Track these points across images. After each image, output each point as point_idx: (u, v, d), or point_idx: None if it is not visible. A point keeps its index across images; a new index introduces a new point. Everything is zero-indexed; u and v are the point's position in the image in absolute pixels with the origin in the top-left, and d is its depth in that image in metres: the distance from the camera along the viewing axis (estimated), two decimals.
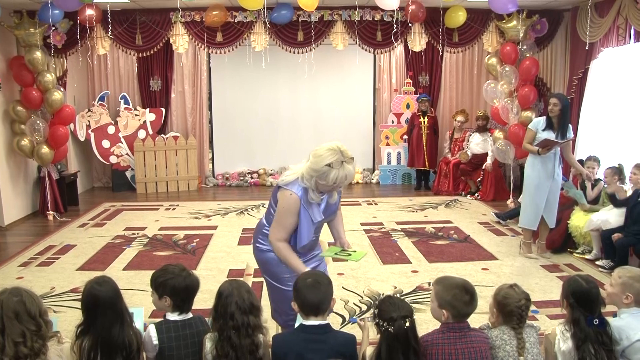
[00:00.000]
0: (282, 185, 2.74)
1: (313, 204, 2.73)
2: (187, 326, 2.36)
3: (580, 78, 7.17)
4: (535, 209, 5.11)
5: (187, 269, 2.48)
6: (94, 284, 2.28)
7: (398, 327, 2.12)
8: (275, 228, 2.75)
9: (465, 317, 2.28)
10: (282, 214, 2.72)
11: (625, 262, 4.68)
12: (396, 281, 4.64)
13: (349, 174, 2.61)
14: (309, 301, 2.25)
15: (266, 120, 9.66)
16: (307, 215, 2.72)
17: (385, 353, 2.12)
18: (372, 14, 7.58)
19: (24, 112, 6.95)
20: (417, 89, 9.28)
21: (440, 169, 8.64)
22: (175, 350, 2.30)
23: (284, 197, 2.71)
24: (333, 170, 2.57)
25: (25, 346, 2.05)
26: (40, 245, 5.88)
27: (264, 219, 2.95)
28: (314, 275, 2.37)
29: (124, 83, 9.30)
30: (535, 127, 5.05)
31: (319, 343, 2.21)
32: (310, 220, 2.74)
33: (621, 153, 6.21)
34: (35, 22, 6.75)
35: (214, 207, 7.63)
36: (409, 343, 2.12)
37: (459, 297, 2.24)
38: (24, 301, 2.11)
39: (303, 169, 2.70)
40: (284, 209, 2.71)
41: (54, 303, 4.18)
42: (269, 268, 2.90)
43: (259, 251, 2.92)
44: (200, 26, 7.53)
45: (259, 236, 2.92)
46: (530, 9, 7.37)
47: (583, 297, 2.35)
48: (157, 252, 5.57)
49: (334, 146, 2.63)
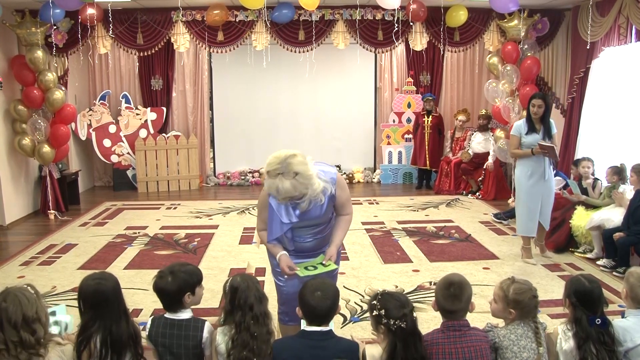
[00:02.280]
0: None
1: (282, 204, 2.67)
2: (175, 326, 2.37)
3: (582, 77, 7.16)
4: (531, 216, 4.94)
5: (176, 269, 2.43)
6: (99, 280, 2.29)
7: (410, 321, 2.14)
8: (257, 217, 2.94)
9: (451, 314, 2.26)
10: (258, 206, 2.93)
11: (626, 261, 4.69)
12: (397, 280, 4.64)
13: (281, 190, 2.46)
14: (313, 311, 2.24)
15: (267, 120, 9.66)
16: (273, 211, 2.71)
17: (401, 352, 2.11)
18: (373, 13, 7.57)
19: (25, 111, 6.95)
20: (418, 88, 9.28)
21: (441, 168, 8.64)
22: (169, 347, 2.35)
23: (261, 190, 2.81)
24: (269, 179, 2.50)
25: (9, 355, 2.01)
26: (42, 244, 5.89)
27: None
28: (322, 285, 2.31)
29: (125, 82, 9.30)
30: (519, 131, 4.87)
31: (320, 349, 2.20)
32: (278, 218, 2.70)
33: (622, 152, 6.20)
34: (36, 21, 6.75)
35: (215, 206, 7.64)
36: (417, 334, 2.16)
37: (442, 291, 2.27)
38: (7, 308, 2.04)
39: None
40: (258, 202, 2.91)
41: (55, 302, 4.17)
42: (271, 260, 2.96)
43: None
44: (201, 25, 7.53)
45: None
46: (531, 8, 7.37)
47: (585, 297, 2.34)
48: (158, 251, 5.57)
49: (282, 155, 2.50)
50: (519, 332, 2.30)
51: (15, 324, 2.03)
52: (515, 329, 2.31)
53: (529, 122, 4.84)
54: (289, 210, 2.69)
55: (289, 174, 2.46)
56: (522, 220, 5.04)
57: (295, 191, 2.49)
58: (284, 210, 2.69)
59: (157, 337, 2.36)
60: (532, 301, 2.32)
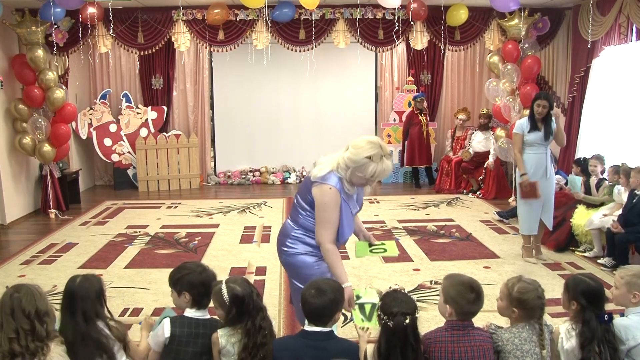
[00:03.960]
0: (318, 181, 2.62)
1: (350, 195, 2.66)
2: (201, 325, 2.37)
3: (582, 76, 7.16)
4: (533, 215, 4.95)
5: (204, 265, 2.52)
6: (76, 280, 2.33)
7: (397, 322, 2.10)
8: (321, 228, 2.61)
9: (469, 315, 2.25)
10: (326, 210, 2.59)
11: (625, 259, 4.70)
12: (398, 279, 4.64)
13: (387, 169, 2.57)
14: (309, 309, 2.22)
15: (268, 119, 9.66)
16: (347, 207, 2.64)
17: (384, 348, 2.11)
18: (374, 12, 7.57)
19: (26, 110, 6.95)
20: (418, 87, 9.28)
21: (442, 167, 8.64)
22: (184, 347, 2.31)
23: (324, 192, 2.59)
24: (372, 163, 2.53)
25: (19, 344, 2.05)
26: (42, 243, 5.89)
27: (289, 222, 2.83)
28: (321, 283, 2.29)
29: (126, 81, 9.30)
30: (522, 130, 4.88)
31: (319, 350, 2.18)
32: (350, 212, 2.68)
33: (623, 151, 6.20)
34: (37, 20, 6.76)
35: (216, 205, 7.64)
36: (407, 340, 2.10)
37: (463, 294, 2.23)
38: (21, 299, 2.11)
39: (339, 159, 2.62)
40: (326, 205, 2.58)
41: (55, 301, 4.16)
42: (300, 271, 2.75)
43: (288, 255, 2.78)
44: (202, 24, 7.53)
45: (287, 240, 2.79)
46: (532, 7, 7.36)
47: (594, 296, 2.33)
48: (158, 250, 5.57)
49: (374, 139, 2.60)
50: (523, 336, 2.27)
51: (28, 314, 2.10)
52: (519, 332, 2.28)
53: (532, 121, 4.86)
54: (353, 200, 2.73)
55: (388, 155, 2.60)
56: (524, 219, 5.05)
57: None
58: (352, 200, 2.72)
59: (181, 338, 2.33)
60: (537, 302, 2.28)
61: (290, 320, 3.80)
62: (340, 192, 2.60)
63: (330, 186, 2.58)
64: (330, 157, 2.69)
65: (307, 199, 2.70)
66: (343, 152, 2.64)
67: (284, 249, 2.81)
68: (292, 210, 2.83)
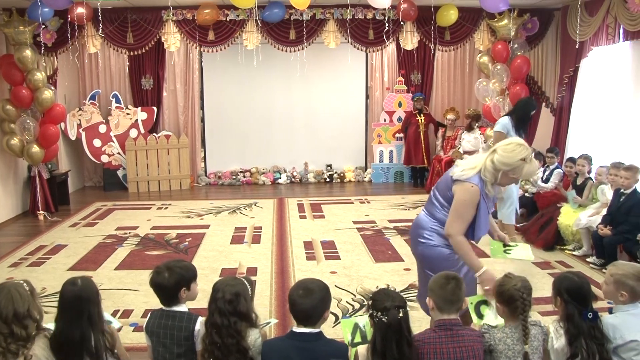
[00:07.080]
0: (461, 179, 2.75)
1: (489, 195, 2.79)
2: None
3: (571, 76, 7.22)
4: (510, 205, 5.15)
5: (170, 264, 2.47)
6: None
7: (392, 316, 2.12)
8: (455, 222, 2.75)
9: (450, 304, 2.24)
10: (463, 206, 2.73)
11: (614, 260, 4.73)
12: (389, 279, 4.65)
13: (535, 168, 2.80)
14: (295, 309, 2.22)
15: (258, 119, 9.64)
16: (485, 206, 2.76)
17: (379, 344, 2.11)
18: (364, 12, 7.59)
19: (14, 111, 6.89)
20: (409, 88, 9.31)
21: (433, 167, 8.68)
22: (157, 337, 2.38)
23: (465, 190, 2.72)
24: (526, 164, 2.70)
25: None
26: (31, 245, 5.84)
27: (426, 215, 2.93)
28: (308, 283, 2.30)
29: (115, 82, 9.25)
30: (506, 128, 5.01)
31: (308, 351, 2.18)
32: (487, 210, 2.80)
33: (611, 151, 6.26)
34: (24, 20, 6.69)
35: (207, 206, 7.61)
36: (402, 333, 2.12)
37: (441, 284, 2.27)
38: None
39: (484, 164, 2.75)
40: (465, 202, 2.72)
41: (44, 304, 4.13)
42: (436, 263, 2.81)
43: (427, 247, 2.86)
44: (192, 24, 7.50)
45: (425, 232, 2.87)
46: (521, 7, 7.41)
47: (576, 292, 2.35)
48: (149, 251, 5.55)
49: (520, 141, 2.76)
50: (516, 337, 2.28)
51: (5, 318, 2.12)
52: (512, 332, 2.29)
53: (512, 120, 5.06)
54: (490, 199, 2.83)
55: (533, 156, 2.79)
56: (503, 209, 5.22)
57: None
58: (489, 200, 2.82)
59: (152, 328, 2.39)
60: (515, 292, 2.29)
61: (281, 322, 3.79)
62: (481, 191, 2.73)
63: (472, 184, 2.72)
64: (470, 161, 2.82)
65: (446, 196, 2.83)
66: (488, 156, 2.76)
67: (421, 240, 2.89)
68: (429, 205, 2.95)
